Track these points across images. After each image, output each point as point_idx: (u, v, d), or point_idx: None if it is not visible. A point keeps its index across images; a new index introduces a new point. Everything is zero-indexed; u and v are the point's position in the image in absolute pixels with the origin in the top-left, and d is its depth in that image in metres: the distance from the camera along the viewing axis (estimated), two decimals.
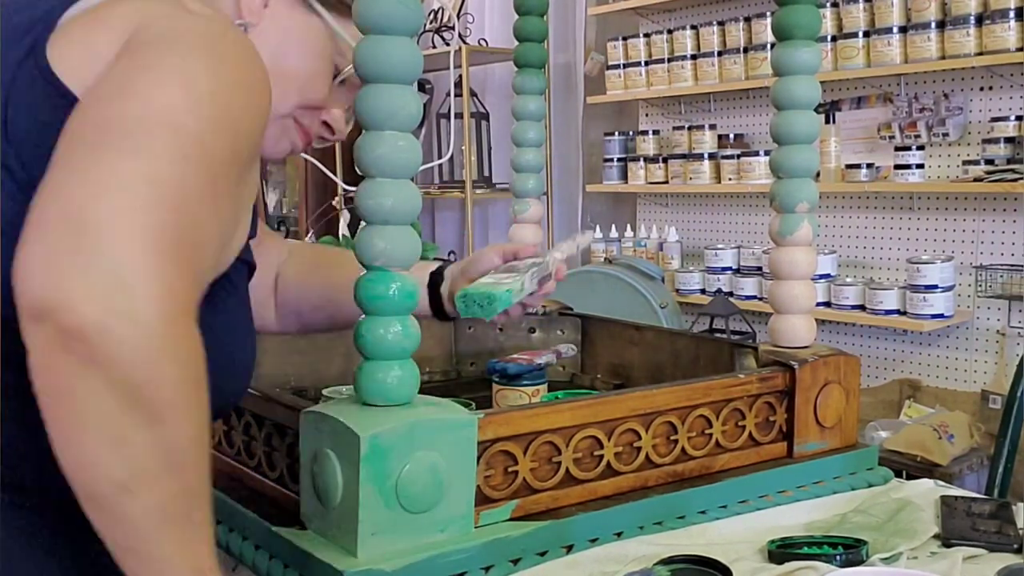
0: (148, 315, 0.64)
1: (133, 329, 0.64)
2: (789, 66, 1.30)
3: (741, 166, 3.67)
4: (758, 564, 1.04)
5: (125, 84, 0.73)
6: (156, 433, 0.66)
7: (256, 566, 1.04)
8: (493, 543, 1.00)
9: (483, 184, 4.30)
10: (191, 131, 0.72)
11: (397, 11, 0.92)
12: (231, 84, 0.78)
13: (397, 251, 0.96)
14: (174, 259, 0.67)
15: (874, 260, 3.54)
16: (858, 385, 1.35)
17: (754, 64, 3.60)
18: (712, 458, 1.21)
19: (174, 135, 0.71)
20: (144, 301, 0.64)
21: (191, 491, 0.70)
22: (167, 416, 0.66)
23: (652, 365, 1.58)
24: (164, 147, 0.70)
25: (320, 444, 0.98)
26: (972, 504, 1.16)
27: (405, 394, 0.98)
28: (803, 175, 1.33)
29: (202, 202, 0.72)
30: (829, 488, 1.26)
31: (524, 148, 1.72)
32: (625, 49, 4.03)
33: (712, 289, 3.70)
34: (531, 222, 1.74)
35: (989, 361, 3.25)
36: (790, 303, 1.34)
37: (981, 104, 3.24)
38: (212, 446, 1.24)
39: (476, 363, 1.75)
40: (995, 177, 2.99)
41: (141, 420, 0.65)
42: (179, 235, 0.68)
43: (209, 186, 0.73)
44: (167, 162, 0.69)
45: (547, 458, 1.08)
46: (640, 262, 3.31)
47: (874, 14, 3.26)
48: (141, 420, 0.65)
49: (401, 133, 0.95)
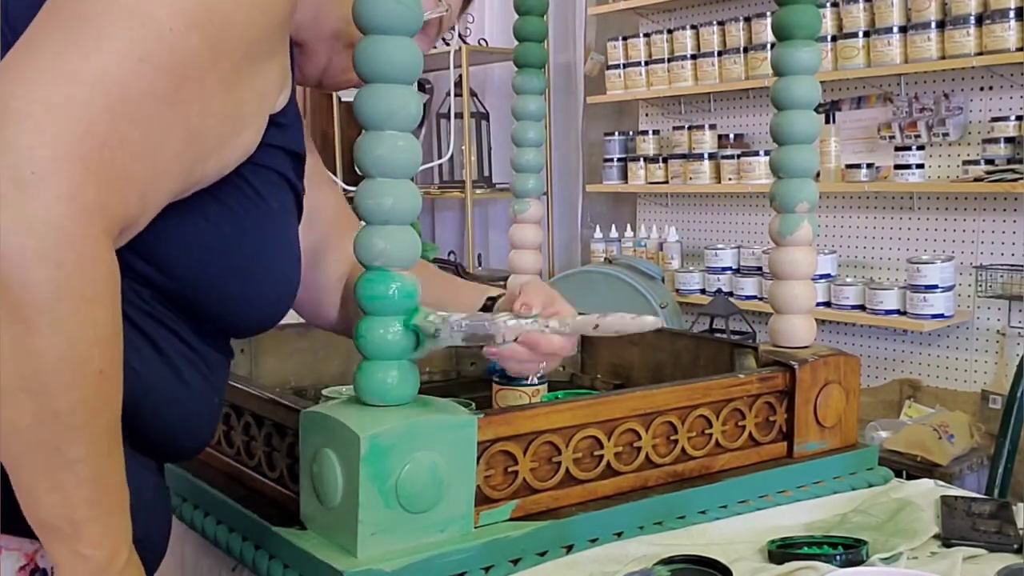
0: (37, 215, 0.62)
1: (17, 225, 0.61)
2: (789, 66, 1.30)
3: (741, 166, 3.67)
4: (758, 564, 1.04)
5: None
6: (17, 337, 0.63)
7: (256, 566, 1.04)
8: (493, 543, 1.00)
9: (483, 184, 4.30)
10: (159, 26, 0.68)
11: (397, 11, 0.92)
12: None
13: (397, 251, 0.96)
14: (91, 165, 0.64)
15: (874, 260, 3.54)
16: (858, 385, 1.35)
17: (754, 64, 3.60)
18: (712, 458, 1.21)
19: (138, 27, 0.67)
20: (37, 200, 0.62)
21: (59, 420, 0.66)
22: (33, 322, 0.63)
23: (652, 365, 1.58)
24: (120, 42, 0.67)
25: (320, 444, 0.98)
26: (972, 504, 1.16)
27: (405, 394, 0.98)
28: (803, 175, 1.33)
29: (154, 106, 0.68)
30: (829, 488, 1.26)
31: (524, 148, 1.72)
32: (625, 49, 4.04)
33: (712, 289, 3.70)
34: (531, 222, 1.74)
35: (989, 361, 3.25)
36: (790, 303, 1.34)
37: (981, 104, 3.24)
38: (212, 445, 1.24)
39: (476, 363, 1.75)
40: (995, 177, 3.00)
41: (6, 319, 0.62)
42: (108, 142, 0.65)
43: (170, 90, 0.69)
44: (118, 59, 0.66)
45: (547, 458, 1.08)
46: (640, 262, 3.32)
47: (874, 14, 3.26)
48: (6, 319, 0.62)
49: (401, 133, 0.95)
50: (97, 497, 0.70)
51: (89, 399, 0.67)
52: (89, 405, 0.67)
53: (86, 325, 0.65)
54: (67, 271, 0.63)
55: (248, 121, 0.80)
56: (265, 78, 0.81)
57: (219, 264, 0.83)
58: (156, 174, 0.71)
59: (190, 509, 1.18)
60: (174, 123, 0.70)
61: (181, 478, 1.22)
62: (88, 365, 0.66)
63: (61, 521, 0.69)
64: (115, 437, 0.71)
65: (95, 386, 0.67)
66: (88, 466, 0.68)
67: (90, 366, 0.66)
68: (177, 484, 1.23)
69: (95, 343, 0.66)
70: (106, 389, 0.68)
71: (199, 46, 0.71)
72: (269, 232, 0.87)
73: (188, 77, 0.70)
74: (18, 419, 0.65)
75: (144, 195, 0.70)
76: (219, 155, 0.78)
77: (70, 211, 0.63)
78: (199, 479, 1.20)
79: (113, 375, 0.69)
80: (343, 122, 4.67)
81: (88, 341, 0.66)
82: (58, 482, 0.67)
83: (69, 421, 0.66)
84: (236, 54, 0.75)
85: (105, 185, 0.65)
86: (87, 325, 0.65)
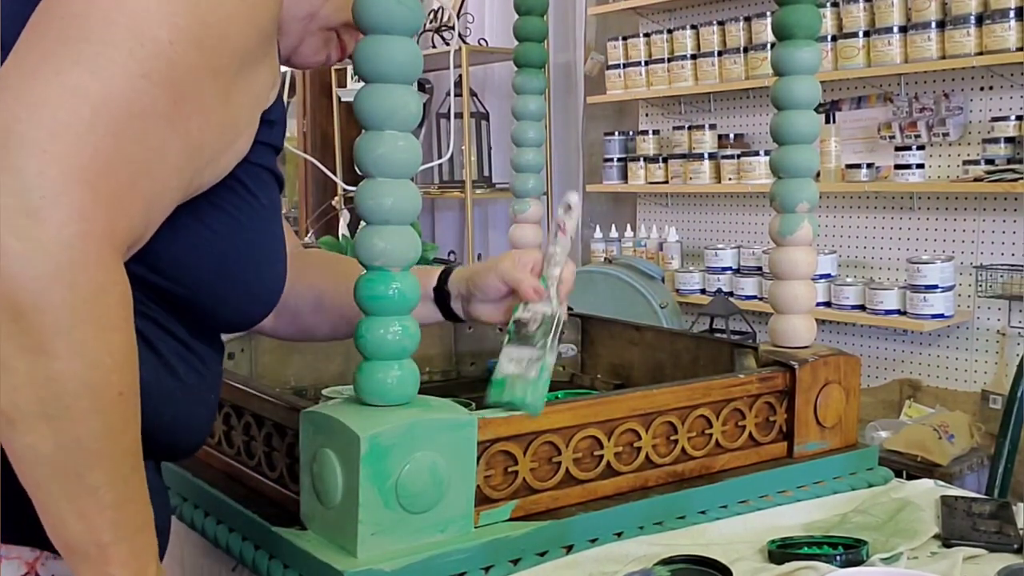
0: (47, 238, 0.61)
1: (28, 250, 0.61)
2: (789, 66, 1.30)
3: (741, 166, 3.67)
4: (758, 564, 1.04)
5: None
6: (37, 364, 0.62)
7: (256, 566, 1.04)
8: (493, 543, 1.00)
9: (483, 184, 4.30)
10: (158, 44, 0.68)
11: (397, 11, 0.92)
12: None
13: (397, 251, 0.96)
14: (98, 187, 0.64)
15: (874, 260, 3.54)
16: (858, 385, 1.35)
17: (754, 64, 3.60)
18: (712, 458, 1.21)
19: (138, 46, 0.67)
20: (47, 225, 0.61)
21: (81, 446, 0.65)
22: (51, 347, 0.62)
23: (652, 365, 1.58)
24: (122, 60, 0.66)
25: (320, 444, 0.98)
26: (972, 504, 1.16)
27: (405, 394, 0.98)
28: (803, 175, 1.33)
29: (157, 124, 0.68)
30: (829, 488, 1.26)
31: (524, 148, 1.72)
32: (625, 49, 4.03)
33: (712, 289, 3.70)
34: (531, 222, 1.74)
35: (989, 361, 3.25)
36: (790, 303, 1.34)
37: (981, 104, 3.24)
38: (212, 445, 1.24)
39: (476, 363, 1.75)
40: (995, 177, 2.99)
41: (22, 346, 0.62)
42: (114, 162, 0.65)
43: (170, 106, 0.69)
44: (121, 79, 0.66)
45: (547, 458, 1.08)
46: (640, 262, 3.32)
47: (874, 14, 3.26)
48: (22, 346, 0.62)
49: (401, 133, 0.95)
50: (121, 519, 0.70)
51: (110, 423, 0.67)
52: (110, 429, 0.67)
53: (103, 350, 0.65)
54: (82, 295, 0.63)
55: (243, 128, 0.80)
56: (259, 82, 0.81)
57: (213, 263, 0.83)
58: (159, 191, 0.70)
59: (190, 509, 1.18)
60: (175, 139, 0.70)
61: (181, 478, 1.22)
62: (108, 389, 0.66)
63: (87, 545, 0.69)
64: (136, 456, 0.71)
65: (115, 409, 0.67)
66: (111, 490, 0.68)
67: (110, 390, 0.66)
68: (177, 484, 1.23)
69: (115, 367, 0.66)
70: (126, 411, 0.68)
71: (198, 62, 0.71)
72: (260, 230, 0.87)
73: (188, 93, 0.70)
74: (40, 445, 0.64)
75: (148, 212, 0.70)
76: (216, 165, 0.78)
77: (80, 234, 0.63)
78: (199, 479, 1.20)
79: (132, 397, 0.69)
80: (343, 122, 4.67)
81: (108, 366, 0.65)
82: (82, 508, 0.67)
83: (91, 446, 0.66)
84: (232, 67, 0.75)
85: (114, 207, 0.65)
86: (104, 350, 0.65)
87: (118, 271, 0.67)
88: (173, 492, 1.23)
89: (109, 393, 0.66)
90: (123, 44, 0.66)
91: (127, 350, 0.68)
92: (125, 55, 0.66)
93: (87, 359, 0.64)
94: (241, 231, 0.84)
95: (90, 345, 0.64)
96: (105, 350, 0.65)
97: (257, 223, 0.86)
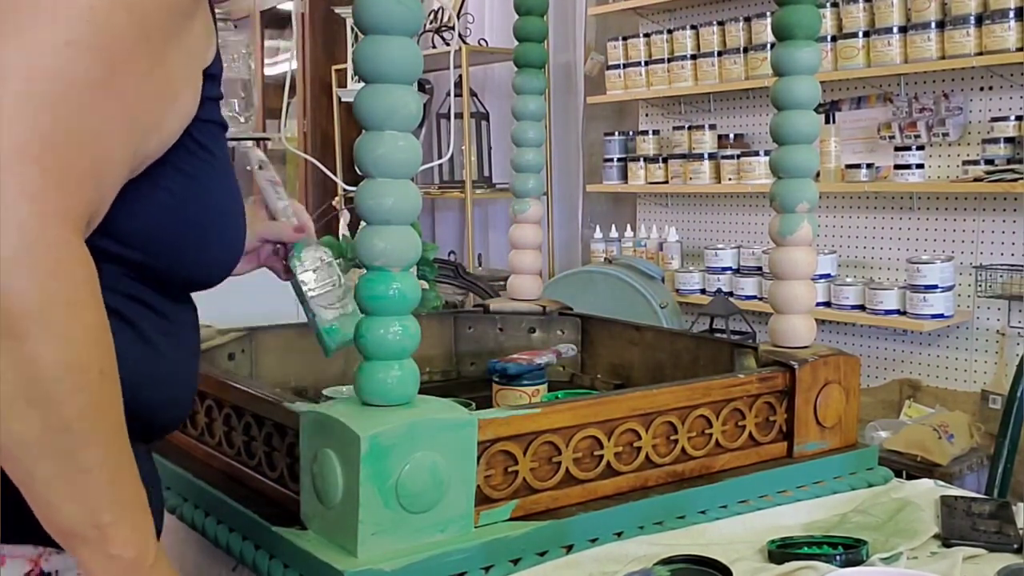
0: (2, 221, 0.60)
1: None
2: (789, 66, 1.31)
3: (741, 166, 3.67)
4: (758, 564, 1.04)
5: None
6: (12, 349, 0.61)
7: (256, 566, 1.04)
8: (493, 543, 1.00)
9: (483, 184, 4.30)
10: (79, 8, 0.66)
11: (397, 11, 0.92)
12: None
13: (397, 251, 0.96)
14: (44, 162, 0.63)
15: (874, 260, 3.54)
16: (858, 385, 1.35)
17: (754, 64, 3.60)
18: (712, 458, 1.21)
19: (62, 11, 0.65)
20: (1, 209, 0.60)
21: (70, 427, 0.65)
22: (21, 331, 0.61)
23: (652, 365, 1.58)
24: (50, 31, 0.65)
25: (320, 444, 0.98)
26: (972, 504, 1.16)
27: (405, 394, 0.98)
28: (803, 175, 1.33)
29: (93, 92, 0.67)
30: (829, 488, 1.26)
31: (524, 148, 1.72)
32: (625, 49, 4.03)
33: (712, 289, 3.70)
34: (531, 222, 1.74)
35: (989, 361, 3.25)
36: (790, 303, 1.34)
37: (981, 104, 3.24)
38: (212, 445, 1.24)
39: (476, 363, 1.75)
40: (995, 177, 2.99)
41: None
42: (55, 135, 0.64)
43: (104, 72, 0.67)
44: (50, 49, 0.64)
45: (547, 458, 1.08)
46: (640, 262, 3.31)
47: (874, 14, 3.26)
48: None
49: (401, 133, 0.95)
50: (119, 498, 0.69)
51: (95, 401, 0.66)
52: (96, 407, 0.66)
53: (76, 328, 0.64)
54: (45, 275, 0.62)
55: (181, 88, 0.78)
56: (192, 37, 0.79)
57: (176, 225, 0.81)
58: (106, 161, 0.69)
59: (190, 509, 1.18)
60: (114, 107, 0.69)
61: (181, 478, 1.22)
62: (88, 367, 0.65)
63: (85, 528, 0.68)
64: (123, 435, 0.70)
65: (98, 388, 0.66)
66: (105, 468, 0.68)
67: (91, 368, 0.66)
68: (177, 484, 1.23)
69: (90, 344, 0.65)
70: (109, 388, 0.68)
71: (125, 24, 0.69)
72: (217, 183, 0.86)
73: (119, 57, 0.69)
74: (26, 432, 0.64)
75: (99, 185, 0.69)
76: (160, 130, 0.76)
77: (35, 214, 0.62)
78: (199, 479, 1.20)
79: (112, 374, 0.68)
80: (343, 122, 4.67)
81: (84, 343, 0.65)
82: (77, 489, 0.67)
83: (79, 426, 0.65)
84: (162, 25, 0.73)
85: (63, 182, 0.64)
86: (78, 329, 0.64)
87: (80, 247, 0.66)
88: (173, 492, 1.23)
89: (90, 371, 0.65)
90: (44, 13, 0.65)
91: (100, 327, 0.67)
92: (52, 25, 0.65)
93: (61, 339, 0.63)
94: (202, 192, 0.83)
95: (62, 325, 0.63)
96: (79, 328, 0.64)
97: (216, 180, 0.85)
